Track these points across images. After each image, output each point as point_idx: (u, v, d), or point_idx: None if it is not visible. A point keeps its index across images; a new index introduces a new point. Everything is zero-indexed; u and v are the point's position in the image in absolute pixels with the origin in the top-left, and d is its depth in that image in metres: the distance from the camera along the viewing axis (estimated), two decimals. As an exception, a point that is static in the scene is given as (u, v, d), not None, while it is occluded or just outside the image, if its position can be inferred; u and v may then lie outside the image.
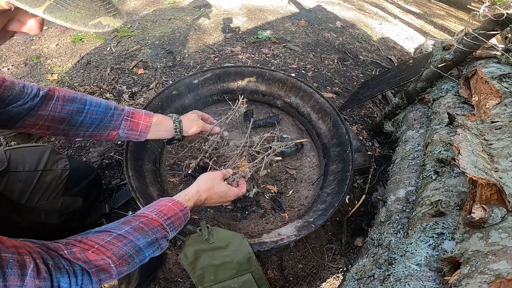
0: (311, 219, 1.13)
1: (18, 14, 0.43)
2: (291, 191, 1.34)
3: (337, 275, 1.26)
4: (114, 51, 2.15)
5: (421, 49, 2.20)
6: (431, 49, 1.85)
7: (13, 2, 0.36)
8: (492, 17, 1.04)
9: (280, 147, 1.22)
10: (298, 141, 1.34)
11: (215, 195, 0.93)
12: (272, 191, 1.33)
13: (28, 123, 0.83)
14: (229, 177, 1.04)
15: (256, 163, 1.15)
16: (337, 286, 1.22)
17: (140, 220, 0.74)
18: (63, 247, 0.62)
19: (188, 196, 0.88)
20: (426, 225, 0.87)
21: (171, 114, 1.06)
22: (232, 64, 2.08)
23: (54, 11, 0.38)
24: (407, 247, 0.85)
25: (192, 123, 1.07)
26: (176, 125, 1.03)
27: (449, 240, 0.80)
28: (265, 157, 1.17)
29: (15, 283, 0.51)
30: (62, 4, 0.38)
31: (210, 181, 0.94)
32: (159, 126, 1.01)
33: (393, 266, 0.85)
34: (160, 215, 0.77)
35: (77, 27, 0.40)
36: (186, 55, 2.17)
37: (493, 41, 1.44)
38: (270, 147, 1.21)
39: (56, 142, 1.56)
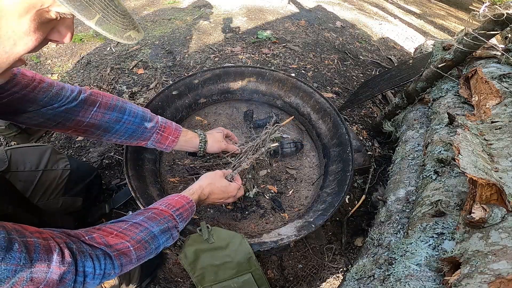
0: (311, 219, 1.13)
1: (59, 24, 0.48)
2: (291, 191, 1.34)
3: (337, 275, 1.26)
4: (114, 51, 2.15)
5: (421, 49, 2.20)
6: (431, 49, 1.85)
7: (74, 13, 0.41)
8: (492, 17, 1.03)
9: (273, 132, 1.23)
10: (283, 123, 1.33)
11: (217, 189, 0.97)
12: (272, 191, 1.33)
13: (68, 126, 0.86)
14: (228, 175, 1.07)
15: (252, 152, 1.17)
16: (337, 286, 1.22)
17: (152, 211, 0.79)
18: (84, 234, 0.64)
19: (192, 190, 0.92)
20: (426, 225, 0.87)
21: (199, 132, 1.10)
22: (232, 64, 2.08)
23: (102, 24, 0.44)
24: (407, 247, 0.85)
25: (215, 144, 1.12)
26: (201, 145, 1.08)
27: (449, 240, 0.80)
28: (260, 143, 1.19)
29: (42, 269, 0.50)
30: (106, 18, 0.44)
31: (211, 178, 0.98)
32: (186, 143, 1.06)
33: (393, 266, 0.85)
34: (169, 207, 0.82)
35: (116, 38, 0.46)
36: (186, 55, 2.17)
37: (493, 41, 1.44)
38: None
39: (56, 142, 1.56)
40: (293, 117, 1.47)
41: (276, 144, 1.25)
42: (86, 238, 0.62)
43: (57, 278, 0.52)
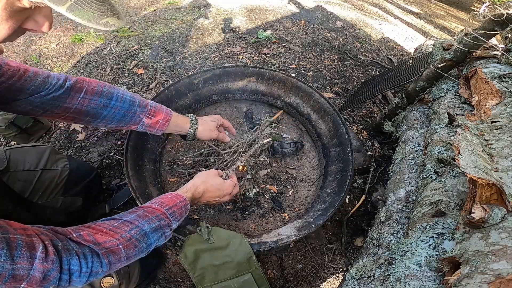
0: (311, 219, 1.13)
1: (35, 13, 0.48)
2: (291, 191, 1.34)
3: (337, 275, 1.26)
4: (114, 51, 2.15)
5: (421, 49, 2.20)
6: (431, 49, 1.85)
7: (43, 1, 0.41)
8: (492, 17, 1.03)
9: (265, 128, 1.24)
10: (273, 118, 1.33)
11: (212, 187, 0.96)
12: (272, 191, 1.33)
13: (56, 113, 0.86)
14: (223, 173, 1.07)
15: (245, 149, 1.17)
16: (337, 286, 1.22)
17: (144, 209, 0.78)
18: (72, 231, 0.63)
19: (186, 189, 0.92)
20: (426, 225, 0.87)
21: (191, 116, 1.09)
22: (232, 64, 2.08)
23: (74, 10, 0.43)
24: (407, 247, 0.85)
25: (206, 132, 1.11)
26: (191, 131, 1.08)
27: (449, 240, 0.80)
28: (252, 139, 1.20)
29: (24, 266, 0.50)
30: (80, 4, 0.44)
31: (205, 176, 0.98)
32: (176, 127, 1.06)
33: (393, 266, 0.85)
34: (162, 206, 0.81)
35: (91, 24, 0.45)
36: (186, 55, 2.17)
37: (493, 41, 1.44)
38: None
39: (56, 142, 1.56)
40: (282, 111, 1.47)
41: (269, 139, 1.24)
42: (74, 235, 0.62)
43: (40, 275, 0.52)
